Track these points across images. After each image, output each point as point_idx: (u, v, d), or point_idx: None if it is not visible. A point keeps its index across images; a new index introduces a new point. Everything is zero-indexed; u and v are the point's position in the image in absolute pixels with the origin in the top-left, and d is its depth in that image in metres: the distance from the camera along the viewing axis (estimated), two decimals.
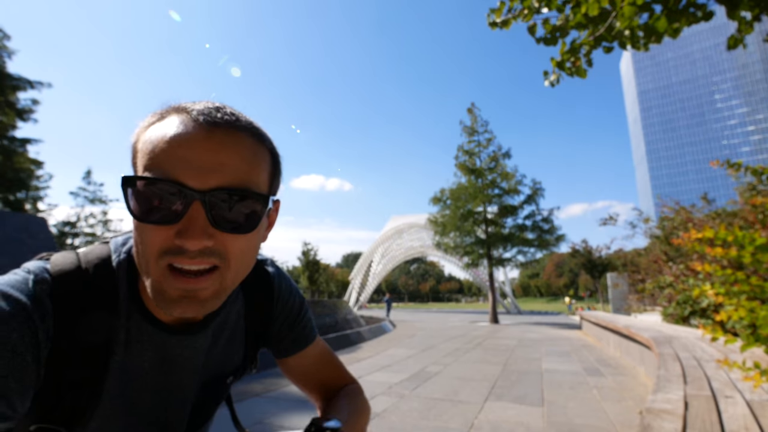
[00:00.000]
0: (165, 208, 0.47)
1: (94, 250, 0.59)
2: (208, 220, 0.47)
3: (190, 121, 0.48)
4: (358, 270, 54.43)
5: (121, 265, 0.58)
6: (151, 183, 0.47)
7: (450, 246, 20.88)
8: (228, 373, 0.74)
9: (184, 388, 0.66)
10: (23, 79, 20.88)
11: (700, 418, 1.70)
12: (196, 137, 0.47)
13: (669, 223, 11.61)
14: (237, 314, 0.72)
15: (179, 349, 0.62)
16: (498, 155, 20.91)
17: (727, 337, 1.86)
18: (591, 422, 3.41)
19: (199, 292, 0.49)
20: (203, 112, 0.49)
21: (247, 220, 0.50)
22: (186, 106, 0.51)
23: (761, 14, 2.69)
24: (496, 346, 8.98)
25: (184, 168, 0.47)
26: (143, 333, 0.58)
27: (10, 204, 22.15)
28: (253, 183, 0.51)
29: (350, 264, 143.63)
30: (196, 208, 0.47)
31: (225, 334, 0.71)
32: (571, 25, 2.79)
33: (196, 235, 0.46)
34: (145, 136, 0.51)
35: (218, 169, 0.48)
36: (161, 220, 0.47)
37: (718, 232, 1.75)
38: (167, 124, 0.49)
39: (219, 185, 0.47)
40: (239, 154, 0.49)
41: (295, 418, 3.62)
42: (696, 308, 6.76)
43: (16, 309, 0.47)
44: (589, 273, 37.33)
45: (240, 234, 0.50)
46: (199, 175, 0.47)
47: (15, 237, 8.43)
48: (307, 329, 0.82)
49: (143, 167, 0.48)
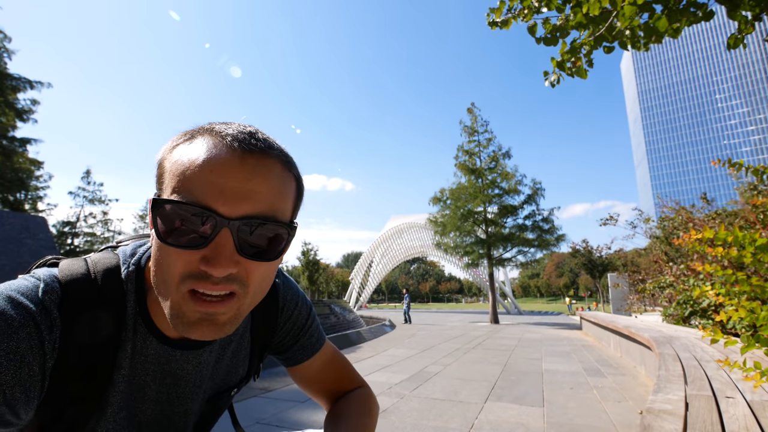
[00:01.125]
0: (192, 233, 0.47)
1: (103, 260, 0.59)
2: (235, 247, 0.47)
3: (224, 146, 0.48)
4: (358, 270, 54.42)
5: (130, 277, 0.58)
6: (181, 207, 0.46)
7: (450, 246, 20.86)
8: (232, 386, 0.74)
9: (188, 401, 0.66)
10: (23, 79, 20.89)
11: (701, 419, 1.69)
12: (230, 163, 0.47)
13: (669, 223, 11.61)
14: (243, 328, 0.72)
15: (184, 364, 0.62)
16: (498, 155, 20.90)
17: (726, 339, 1.86)
18: (591, 422, 3.40)
19: (218, 316, 0.49)
20: (237, 137, 0.49)
21: (272, 247, 0.51)
22: (219, 130, 0.50)
23: (762, 14, 2.68)
24: (496, 347, 8.98)
25: (216, 194, 0.46)
26: (148, 347, 0.58)
27: (9, 204, 22.15)
28: (280, 211, 0.51)
29: (350, 264, 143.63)
30: (224, 235, 0.47)
31: (231, 348, 0.70)
32: (572, 24, 2.78)
33: (223, 262, 0.46)
34: (173, 155, 0.50)
35: (249, 197, 0.47)
36: (188, 245, 0.47)
37: (719, 232, 1.74)
38: (199, 146, 0.49)
39: (248, 213, 0.47)
40: (269, 182, 0.49)
41: (295, 417, 3.62)
42: (696, 308, 6.75)
43: (26, 318, 0.47)
44: (590, 273, 37.38)
45: (263, 261, 0.50)
46: (230, 203, 0.46)
47: (15, 237, 8.43)
48: (314, 337, 0.81)
49: (172, 189, 0.48)
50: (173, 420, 0.66)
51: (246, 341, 0.74)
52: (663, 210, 12.70)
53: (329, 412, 0.80)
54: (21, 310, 0.47)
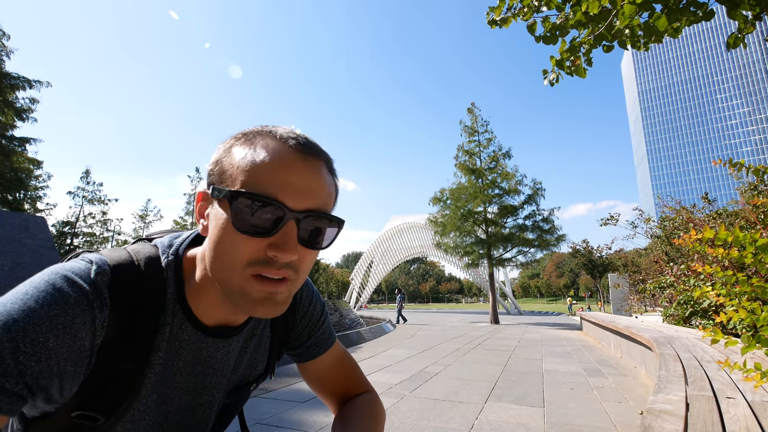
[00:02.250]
0: (262, 222, 0.52)
1: (144, 249, 0.63)
2: (298, 237, 0.53)
3: (288, 148, 0.55)
4: (358, 270, 54.42)
5: (169, 266, 0.62)
6: (256, 199, 0.51)
7: (450, 246, 20.84)
8: (252, 380, 0.78)
9: (213, 390, 0.70)
10: (22, 77, 20.87)
11: (702, 419, 1.68)
12: (294, 162, 0.54)
13: (670, 224, 11.59)
14: (264, 322, 0.76)
15: (213, 352, 0.66)
16: (498, 155, 20.90)
17: (727, 340, 1.85)
18: (592, 423, 3.39)
19: (278, 296, 0.54)
20: (298, 140, 0.56)
21: (324, 239, 0.58)
22: (278, 133, 0.56)
23: (762, 13, 2.67)
24: (496, 347, 8.97)
25: (285, 189, 0.52)
26: (184, 332, 0.62)
27: (8, 204, 22.15)
28: (329, 207, 0.58)
29: (350, 264, 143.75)
30: (291, 225, 0.53)
31: (254, 341, 0.75)
32: (571, 23, 2.77)
33: (289, 250, 0.52)
34: (235, 154, 0.55)
35: (310, 193, 0.54)
36: (258, 233, 0.52)
37: (719, 232, 1.73)
38: (264, 147, 0.55)
39: (310, 207, 0.54)
40: (323, 181, 0.56)
41: (295, 418, 3.61)
42: (697, 309, 6.74)
43: (80, 296, 0.51)
44: (590, 273, 37.37)
45: (315, 250, 0.57)
46: (296, 197, 0.53)
47: (14, 237, 8.41)
48: (326, 334, 0.86)
49: (242, 183, 0.53)
50: (197, 410, 0.70)
51: (266, 336, 0.78)
52: (663, 210, 12.70)
53: (337, 416, 0.82)
54: (76, 288, 0.51)
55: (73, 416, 0.56)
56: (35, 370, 0.47)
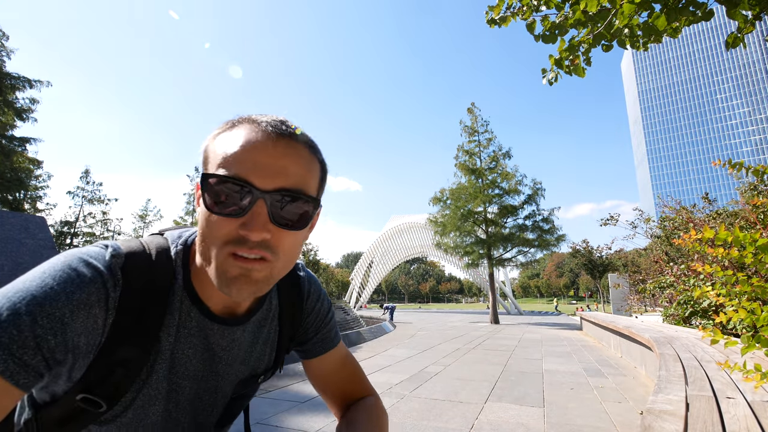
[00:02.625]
0: (233, 203, 0.54)
1: (155, 240, 0.66)
2: (269, 216, 0.54)
3: (260, 131, 0.56)
4: (358, 270, 54.42)
5: (178, 254, 0.65)
6: (224, 180, 0.53)
7: (450, 246, 20.83)
8: (260, 373, 0.79)
9: (222, 381, 0.71)
10: (22, 77, 20.88)
11: (702, 419, 1.68)
12: (265, 144, 0.55)
13: (670, 224, 11.59)
14: (273, 315, 0.78)
15: (221, 339, 0.68)
16: (498, 155, 20.89)
17: (727, 340, 1.85)
18: (592, 423, 3.39)
19: (254, 273, 0.55)
20: (271, 124, 0.57)
21: (299, 219, 0.58)
22: (256, 118, 0.58)
23: (762, 13, 2.67)
24: (496, 347, 8.97)
25: (253, 170, 0.54)
26: (192, 319, 0.64)
27: (8, 204, 22.15)
28: (307, 187, 0.58)
29: (350, 264, 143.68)
30: (260, 204, 0.53)
31: (263, 333, 0.76)
32: (570, 22, 2.77)
33: (258, 228, 0.53)
34: (217, 140, 0.58)
35: (281, 173, 0.55)
36: (230, 213, 0.54)
37: (719, 232, 1.73)
38: (239, 131, 0.57)
39: (280, 186, 0.55)
40: (297, 161, 0.57)
41: (295, 418, 3.60)
42: (697, 309, 6.73)
43: (96, 275, 0.54)
44: (590, 273, 37.30)
45: (292, 231, 0.57)
46: (265, 177, 0.54)
47: (14, 237, 8.42)
48: (332, 332, 0.88)
49: (216, 166, 0.55)
50: (206, 399, 0.71)
51: (274, 329, 0.79)
52: (663, 210, 12.69)
53: (341, 419, 0.83)
54: (92, 268, 0.54)
55: (78, 399, 0.57)
56: (51, 344, 0.49)
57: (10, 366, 0.46)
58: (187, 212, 39.06)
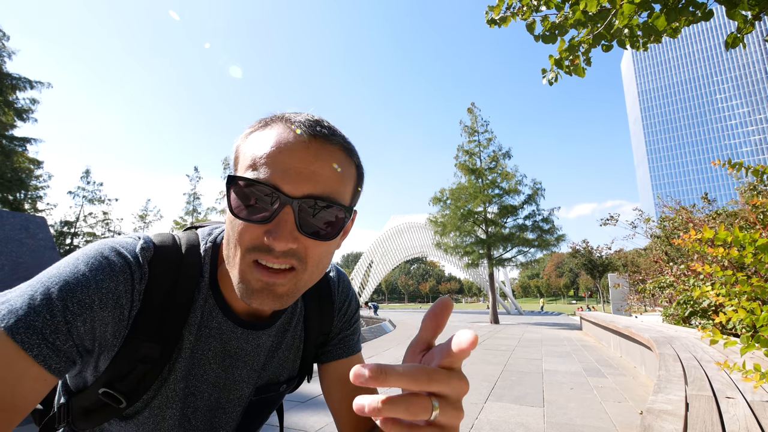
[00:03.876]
0: (260, 208, 0.51)
1: (187, 235, 0.65)
2: (296, 225, 0.51)
3: (291, 132, 0.52)
4: (358, 270, 54.40)
5: (207, 252, 0.64)
6: (251, 184, 0.50)
7: (450, 246, 20.82)
8: (282, 381, 0.74)
9: (241, 387, 0.68)
10: (23, 78, 20.87)
11: (701, 419, 1.68)
12: (296, 146, 0.51)
13: (670, 224, 11.58)
14: (298, 318, 0.74)
15: (243, 343, 0.65)
16: (498, 155, 20.88)
17: (726, 340, 1.85)
18: (591, 423, 3.39)
19: (277, 287, 0.52)
20: (304, 124, 0.53)
21: (329, 227, 0.54)
22: (289, 117, 0.54)
23: (761, 13, 2.67)
24: (496, 347, 8.97)
25: (282, 174, 0.50)
26: (214, 319, 0.62)
27: (9, 204, 22.14)
28: (339, 193, 0.54)
29: (350, 264, 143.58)
30: (287, 212, 0.50)
31: (287, 338, 0.72)
32: (570, 22, 2.77)
33: (283, 237, 0.50)
34: (248, 140, 0.55)
35: (311, 178, 0.51)
36: (254, 219, 0.51)
37: (719, 232, 1.73)
38: (271, 131, 0.53)
39: (310, 193, 0.51)
40: (330, 165, 0.53)
41: (295, 418, 3.61)
42: (697, 309, 6.73)
43: (124, 266, 0.54)
44: (590, 273, 37.28)
45: (321, 240, 0.53)
46: (294, 182, 0.50)
47: (14, 237, 8.42)
48: (356, 337, 0.82)
49: (246, 168, 0.52)
50: (227, 407, 0.69)
51: (299, 334, 0.74)
52: (663, 210, 12.69)
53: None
54: (122, 258, 0.54)
55: (100, 393, 0.57)
56: (81, 330, 0.49)
57: (43, 350, 0.46)
58: (187, 212, 39.03)
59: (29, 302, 0.46)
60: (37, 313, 0.46)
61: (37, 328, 0.45)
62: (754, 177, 2.18)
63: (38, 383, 0.46)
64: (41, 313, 0.46)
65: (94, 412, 0.60)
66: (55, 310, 0.47)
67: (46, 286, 0.48)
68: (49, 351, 0.46)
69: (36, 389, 0.46)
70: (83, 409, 0.60)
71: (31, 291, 0.47)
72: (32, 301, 0.46)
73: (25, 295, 0.47)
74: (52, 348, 0.46)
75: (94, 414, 0.60)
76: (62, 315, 0.47)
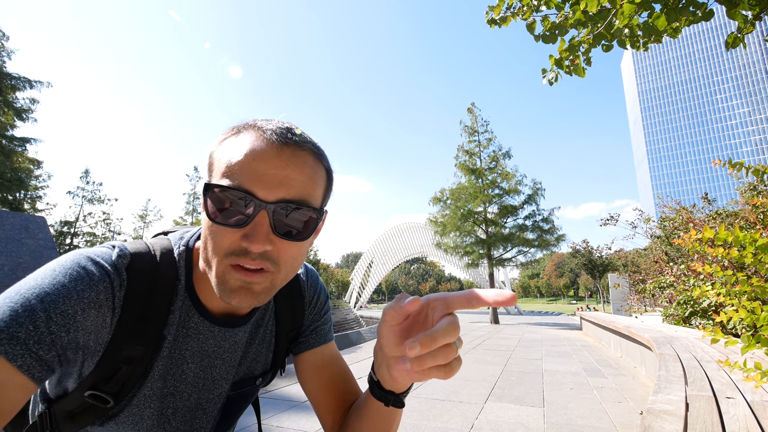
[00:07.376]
0: (235, 213, 0.53)
1: (159, 241, 0.67)
2: (271, 228, 0.53)
3: (264, 139, 0.55)
4: (358, 270, 54.42)
5: (181, 256, 0.66)
6: (226, 190, 0.53)
7: (450, 246, 20.84)
8: (257, 375, 0.78)
9: (220, 384, 0.71)
10: (22, 78, 20.87)
11: (701, 419, 1.68)
12: (268, 154, 0.54)
13: (670, 224, 11.58)
14: (269, 314, 0.77)
15: (221, 341, 0.68)
16: (498, 155, 20.89)
17: (727, 339, 1.85)
18: (591, 423, 3.39)
19: (254, 286, 0.55)
20: (275, 131, 0.55)
21: (302, 229, 0.57)
22: (260, 125, 0.57)
23: (762, 13, 2.67)
24: (496, 347, 8.97)
25: (256, 180, 0.52)
26: (191, 320, 0.65)
27: (8, 204, 22.15)
28: (311, 197, 0.57)
29: (350, 264, 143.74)
30: (262, 215, 0.53)
31: (260, 333, 0.75)
32: (570, 22, 2.77)
33: (260, 240, 0.52)
34: (222, 147, 0.57)
35: (284, 183, 0.54)
36: (231, 224, 0.53)
37: (719, 232, 1.73)
38: (243, 139, 0.55)
39: (283, 197, 0.53)
40: (302, 170, 0.55)
41: (294, 418, 3.60)
42: (697, 309, 6.73)
43: (104, 275, 0.55)
44: (590, 273, 37.30)
45: (295, 241, 0.56)
46: (268, 187, 0.53)
47: (14, 237, 8.42)
48: (327, 326, 0.85)
49: (220, 175, 0.54)
50: (207, 407, 0.71)
51: (270, 329, 0.77)
52: (663, 210, 12.69)
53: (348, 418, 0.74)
54: (100, 267, 0.55)
55: (86, 396, 0.58)
56: (64, 340, 0.50)
57: (27, 360, 0.47)
58: (187, 212, 39.04)
59: (11, 314, 0.47)
60: (20, 324, 0.47)
61: (20, 338, 0.46)
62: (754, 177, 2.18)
63: (20, 391, 0.47)
64: (24, 324, 0.47)
65: (80, 415, 0.61)
66: (38, 321, 0.47)
67: (26, 297, 0.48)
68: (33, 361, 0.47)
69: (18, 397, 0.48)
70: (67, 413, 0.61)
71: (11, 303, 0.48)
72: (13, 313, 0.47)
73: (5, 306, 0.47)
74: (35, 358, 0.47)
75: (80, 416, 0.61)
76: (46, 326, 0.48)
